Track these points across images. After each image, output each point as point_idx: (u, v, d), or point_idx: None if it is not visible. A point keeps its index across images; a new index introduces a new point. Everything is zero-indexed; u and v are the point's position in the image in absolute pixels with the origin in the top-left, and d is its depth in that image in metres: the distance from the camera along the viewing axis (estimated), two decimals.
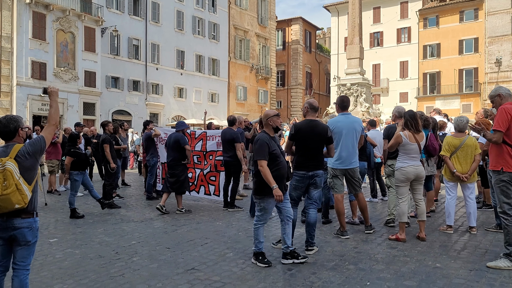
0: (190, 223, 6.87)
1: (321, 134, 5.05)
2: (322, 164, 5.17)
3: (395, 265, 4.60)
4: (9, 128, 3.24)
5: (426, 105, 40.69)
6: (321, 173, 5.15)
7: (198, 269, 4.57)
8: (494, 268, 4.42)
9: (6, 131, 3.24)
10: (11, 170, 3.00)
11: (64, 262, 4.92)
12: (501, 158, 4.43)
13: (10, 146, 3.19)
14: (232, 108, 40.52)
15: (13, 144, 3.21)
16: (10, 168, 3.01)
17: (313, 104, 5.25)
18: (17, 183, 3.03)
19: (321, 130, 5.06)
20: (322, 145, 5.11)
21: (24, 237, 3.21)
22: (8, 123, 3.24)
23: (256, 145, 4.67)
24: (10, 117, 3.31)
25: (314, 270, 4.49)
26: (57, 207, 8.54)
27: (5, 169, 2.99)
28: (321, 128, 5.08)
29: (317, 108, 5.30)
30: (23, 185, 3.07)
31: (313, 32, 53.97)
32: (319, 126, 5.09)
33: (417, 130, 5.47)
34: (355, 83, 23.83)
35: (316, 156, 5.10)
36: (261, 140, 4.65)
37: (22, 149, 3.16)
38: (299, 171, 5.09)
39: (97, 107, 30.00)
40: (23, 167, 3.11)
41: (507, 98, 4.55)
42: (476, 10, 39.66)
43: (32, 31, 26.36)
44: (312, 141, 5.06)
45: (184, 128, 8.17)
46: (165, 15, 34.82)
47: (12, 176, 3.00)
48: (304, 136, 5.06)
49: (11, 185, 3.00)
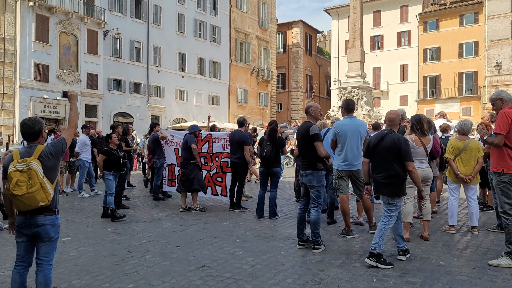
0: (198, 223, 7.03)
1: (304, 134, 5.35)
2: (309, 164, 5.30)
3: (400, 263, 4.76)
4: (34, 130, 3.40)
5: (426, 108, 40.91)
6: (309, 173, 5.31)
7: (209, 266, 4.72)
8: (496, 266, 4.58)
9: (31, 133, 3.40)
10: (35, 169, 3.16)
11: (79, 259, 5.07)
12: (502, 160, 4.60)
13: (34, 147, 3.35)
14: (232, 110, 40.72)
15: (36, 145, 3.37)
16: (35, 168, 3.17)
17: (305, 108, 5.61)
18: (42, 181, 3.19)
19: (304, 130, 5.35)
20: (306, 144, 5.33)
21: (47, 233, 3.37)
22: (34, 125, 3.40)
23: (404, 145, 4.69)
24: (34, 119, 3.47)
25: (322, 268, 4.65)
26: (66, 207, 8.69)
27: (30, 169, 3.15)
28: (304, 127, 5.38)
29: (305, 111, 5.59)
30: (46, 183, 3.23)
31: (314, 35, 54.22)
32: (303, 126, 5.41)
33: (422, 133, 5.63)
34: (356, 86, 24.02)
35: (302, 155, 5.41)
36: (404, 139, 4.82)
37: (45, 149, 3.32)
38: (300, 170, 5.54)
39: (99, 109, 30.17)
40: (46, 167, 3.27)
41: (508, 102, 4.72)
42: (476, 14, 39.92)
43: (35, 33, 26.56)
44: (299, 141, 5.46)
45: (196, 131, 8.46)
46: (167, 18, 35.04)
47: (36, 175, 3.16)
48: (297, 138, 5.54)
49: (36, 183, 3.16)
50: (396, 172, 4.70)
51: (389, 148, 4.73)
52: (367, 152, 5.02)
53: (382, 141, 4.82)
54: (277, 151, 7.52)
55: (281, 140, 7.68)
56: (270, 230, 6.53)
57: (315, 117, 5.49)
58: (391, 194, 4.74)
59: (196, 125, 8.79)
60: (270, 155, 7.47)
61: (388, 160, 4.74)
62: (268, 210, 7.51)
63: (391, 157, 4.72)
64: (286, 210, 8.17)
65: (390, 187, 4.73)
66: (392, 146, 4.70)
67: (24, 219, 3.33)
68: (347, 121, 5.95)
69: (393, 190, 4.72)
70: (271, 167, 7.53)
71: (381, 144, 4.82)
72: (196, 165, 8.22)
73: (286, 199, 9.66)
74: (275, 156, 7.52)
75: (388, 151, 4.74)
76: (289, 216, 7.58)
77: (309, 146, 5.31)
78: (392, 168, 4.71)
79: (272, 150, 7.46)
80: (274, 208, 7.45)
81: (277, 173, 7.62)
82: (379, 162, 4.84)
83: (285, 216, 7.58)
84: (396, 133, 4.88)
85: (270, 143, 7.48)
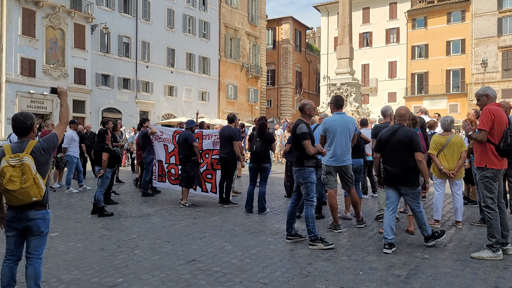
0: (187, 218, 7.07)
1: (293, 132, 5.46)
2: (297, 160, 5.41)
3: (386, 256, 4.86)
4: (26, 125, 3.40)
5: (414, 105, 41.25)
6: (296, 169, 5.43)
7: (198, 261, 4.77)
8: (478, 259, 4.71)
9: (23, 127, 3.39)
10: (29, 164, 3.18)
11: (67, 254, 5.08)
12: (485, 156, 4.72)
13: (25, 142, 3.34)
14: (222, 106, 40.67)
15: (28, 140, 3.37)
16: (28, 163, 3.18)
17: (299, 106, 5.66)
18: (35, 177, 3.20)
19: (293, 128, 5.46)
20: (295, 142, 5.43)
21: (38, 227, 3.39)
22: (26, 120, 3.40)
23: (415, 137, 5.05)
24: (26, 114, 3.47)
25: (309, 261, 4.73)
26: (54, 203, 8.64)
27: (23, 164, 3.16)
28: (294, 125, 5.49)
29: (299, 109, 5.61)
30: (39, 179, 3.24)
31: (303, 31, 54.31)
32: (294, 124, 5.50)
33: None
34: (345, 83, 24.17)
35: (295, 153, 5.50)
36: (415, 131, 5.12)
37: (37, 145, 3.32)
38: None
39: (87, 105, 29.91)
40: (38, 162, 3.28)
41: (493, 99, 4.83)
42: (463, 12, 40.38)
43: (22, 27, 26.19)
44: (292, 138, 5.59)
45: (192, 126, 8.52)
46: (156, 13, 34.80)
47: (30, 171, 3.17)
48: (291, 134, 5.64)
49: (29, 179, 3.17)
50: (413, 164, 5.05)
51: (403, 141, 5.07)
52: (378, 147, 5.33)
53: (394, 135, 5.15)
54: (266, 147, 7.59)
55: (271, 136, 7.74)
56: (259, 225, 6.60)
57: (310, 115, 5.53)
58: (410, 184, 5.10)
59: (193, 121, 8.83)
60: (259, 151, 7.52)
61: (403, 152, 5.08)
62: (257, 205, 7.57)
63: (405, 150, 5.07)
64: (275, 206, 8.24)
65: (407, 177, 5.08)
66: (405, 138, 5.04)
67: (15, 213, 3.34)
68: (336, 117, 6.03)
69: (410, 180, 5.09)
70: (260, 162, 7.59)
71: (393, 138, 5.14)
72: (196, 161, 8.31)
73: (275, 194, 9.74)
74: (265, 152, 7.58)
75: (401, 144, 5.08)
76: (278, 212, 7.65)
77: (296, 144, 5.39)
78: (408, 160, 5.06)
79: (261, 146, 7.52)
80: (264, 204, 7.52)
81: (267, 169, 7.69)
82: (393, 155, 5.15)
83: (274, 212, 7.66)
84: (406, 127, 5.24)
85: (259, 139, 7.54)
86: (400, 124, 5.26)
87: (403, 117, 5.30)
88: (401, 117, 5.32)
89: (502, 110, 4.87)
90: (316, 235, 5.26)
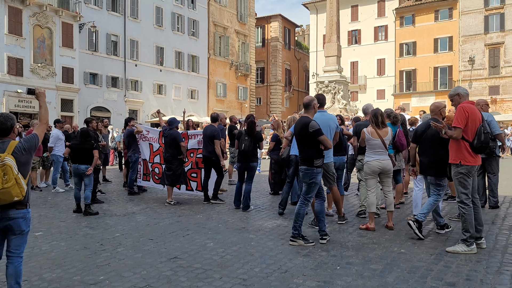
0: (172, 217, 7.13)
1: (301, 130, 5.36)
2: (305, 159, 5.34)
3: (364, 252, 4.98)
4: (6, 126, 3.44)
5: (402, 102, 41.61)
6: (304, 168, 5.34)
7: (180, 258, 4.84)
8: (452, 252, 4.85)
9: (3, 128, 3.43)
10: (10, 165, 3.22)
11: (51, 253, 5.12)
12: (460, 152, 4.85)
13: (6, 143, 3.39)
14: (211, 104, 40.65)
15: (9, 141, 3.41)
16: (10, 163, 3.22)
17: (303, 101, 5.63)
18: (16, 177, 3.24)
19: (301, 126, 5.36)
20: (303, 140, 5.36)
21: (19, 226, 3.43)
22: (6, 121, 3.44)
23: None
24: (6, 115, 3.52)
25: (290, 257, 4.83)
26: (39, 202, 8.66)
27: (4, 164, 3.20)
28: (301, 124, 5.38)
29: (305, 105, 5.57)
30: (21, 179, 3.29)
31: (292, 29, 54.45)
32: (301, 122, 5.41)
33: (377, 126, 5.88)
34: (332, 80, 24.34)
35: (300, 151, 5.48)
36: None
37: (18, 145, 3.37)
38: None
39: (75, 104, 29.72)
40: (19, 162, 3.32)
41: (465, 97, 4.97)
42: (450, 10, 40.78)
43: (8, 26, 25.92)
44: (297, 137, 5.49)
45: (177, 125, 8.61)
46: (144, 11, 34.66)
47: (12, 171, 3.21)
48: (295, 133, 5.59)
49: (11, 179, 3.21)
50: (441, 156, 5.33)
51: (434, 135, 5.37)
52: (415, 138, 5.73)
53: (428, 128, 5.48)
54: (255, 145, 7.64)
55: (259, 135, 7.79)
56: (242, 222, 6.68)
57: (315, 111, 5.59)
58: (436, 175, 5.45)
59: (175, 119, 8.86)
60: (248, 149, 7.57)
61: (434, 145, 5.44)
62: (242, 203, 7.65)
63: (436, 143, 5.41)
64: (260, 203, 8.34)
65: (435, 169, 5.44)
66: (436, 133, 5.26)
67: None
68: (317, 115, 6.08)
69: (438, 172, 5.44)
70: (248, 161, 7.65)
71: (427, 132, 5.51)
72: (181, 160, 8.38)
73: (261, 192, 9.83)
74: (253, 150, 7.63)
75: (433, 138, 5.42)
76: (262, 209, 7.75)
77: (307, 143, 5.33)
78: (437, 153, 5.40)
79: (250, 144, 7.57)
80: (248, 202, 7.60)
81: (254, 168, 7.74)
82: (426, 147, 5.55)
83: (258, 209, 7.75)
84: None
85: (248, 137, 7.59)
86: (434, 118, 5.58)
87: (433, 111, 5.68)
88: (433, 112, 5.69)
89: (476, 108, 5.01)
90: (299, 233, 5.37)
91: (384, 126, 6.04)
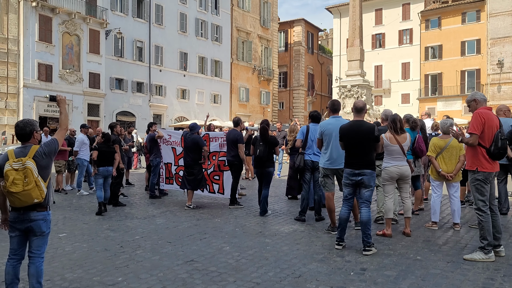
0: (191, 220, 7.26)
1: (365, 134, 5.25)
2: (370, 164, 5.28)
3: (379, 258, 4.96)
4: (25, 131, 3.63)
5: (428, 106, 40.96)
6: (369, 172, 5.25)
7: (196, 261, 4.95)
8: (470, 260, 4.78)
9: (22, 134, 3.63)
10: (31, 168, 3.40)
11: (73, 254, 5.31)
12: (476, 159, 4.79)
13: (28, 147, 3.58)
14: (234, 109, 40.95)
15: (30, 145, 3.60)
16: (30, 167, 3.40)
17: (356, 105, 5.55)
18: (36, 180, 3.42)
19: (366, 130, 5.27)
20: (368, 144, 5.29)
21: (39, 228, 3.60)
22: (25, 127, 3.64)
23: None
24: (26, 121, 3.72)
25: (304, 262, 4.86)
26: (65, 205, 8.94)
27: (25, 168, 3.39)
28: (365, 128, 5.30)
29: (359, 109, 5.50)
30: (41, 182, 3.46)
31: (315, 33, 54.33)
32: (363, 126, 5.32)
33: (396, 132, 5.84)
34: (355, 84, 24.17)
35: (362, 155, 5.26)
36: None
37: (39, 149, 3.55)
38: (346, 168, 5.38)
39: (101, 108, 30.49)
40: (40, 166, 3.51)
41: (482, 103, 4.91)
42: (478, 12, 39.90)
43: (39, 34, 26.89)
44: (356, 141, 5.28)
45: (199, 130, 8.81)
46: (169, 17, 35.30)
47: (32, 174, 3.39)
48: (348, 137, 5.33)
49: (31, 182, 3.39)
50: None
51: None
52: None
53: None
54: (270, 151, 7.70)
55: (274, 140, 7.86)
56: (259, 226, 6.75)
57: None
58: None
59: (196, 124, 9.07)
60: (263, 155, 7.64)
61: None
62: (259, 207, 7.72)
63: None
64: (277, 208, 8.38)
65: None
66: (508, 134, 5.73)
67: (18, 215, 3.56)
68: (332, 120, 6.14)
69: None
70: (264, 166, 7.71)
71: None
72: (201, 165, 8.56)
73: (279, 196, 9.87)
74: (268, 155, 7.69)
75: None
76: (279, 213, 7.79)
77: (371, 147, 5.31)
78: None
79: (265, 150, 7.64)
80: (265, 206, 7.65)
81: (270, 173, 7.78)
82: None
83: (276, 214, 7.79)
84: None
85: (262, 143, 7.66)
86: None
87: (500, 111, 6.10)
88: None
89: (499, 113, 4.95)
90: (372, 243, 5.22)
91: (403, 132, 6.00)
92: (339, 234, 5.40)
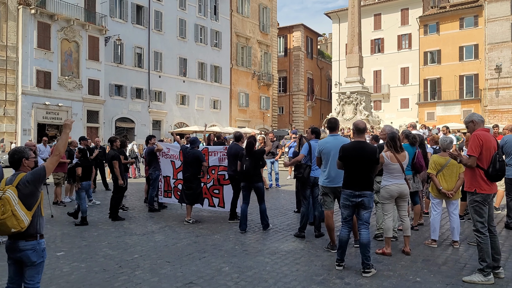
0: (190, 236, 7.24)
1: (368, 156, 5.24)
2: (370, 185, 5.28)
3: (378, 279, 4.95)
4: (13, 159, 3.63)
5: (427, 111, 41.10)
6: (369, 194, 5.24)
7: (195, 283, 4.93)
8: (469, 283, 4.77)
9: (11, 161, 3.65)
10: (8, 197, 3.35)
11: (71, 276, 5.29)
12: (475, 180, 4.79)
13: (16, 175, 3.57)
14: (234, 114, 40.98)
15: (18, 173, 3.58)
16: (8, 196, 3.36)
17: (358, 126, 5.46)
18: (13, 209, 3.35)
19: (369, 152, 5.26)
20: (369, 166, 5.27)
21: (28, 258, 3.53)
22: (13, 154, 3.64)
23: None
24: (15, 149, 3.72)
25: (303, 284, 4.85)
26: (63, 219, 8.92)
27: (1, 197, 3.35)
28: (368, 149, 5.28)
29: (361, 130, 5.44)
30: (19, 211, 3.39)
31: (315, 38, 54.44)
32: (366, 148, 5.30)
33: (396, 150, 5.84)
34: (354, 91, 24.25)
35: (363, 176, 5.23)
36: None
37: (23, 178, 3.51)
38: (346, 189, 5.33)
39: (100, 115, 30.49)
40: (22, 194, 3.45)
41: (479, 124, 4.92)
42: (476, 17, 40.02)
43: (37, 40, 26.92)
44: (358, 162, 5.23)
45: (199, 144, 8.83)
46: (168, 23, 35.37)
47: (9, 203, 3.34)
48: (350, 157, 5.26)
49: (7, 211, 3.33)
50: None
51: None
52: None
53: None
54: (256, 165, 7.63)
55: (259, 153, 7.75)
56: (259, 244, 6.72)
57: None
58: None
59: (197, 138, 9.09)
60: (249, 169, 7.54)
61: None
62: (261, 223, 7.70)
63: None
64: (277, 222, 8.36)
65: None
66: None
67: (10, 243, 3.53)
68: (330, 139, 6.14)
69: None
70: (252, 181, 7.57)
71: None
72: (200, 180, 8.55)
73: (279, 210, 9.84)
74: (254, 169, 7.56)
75: None
76: (279, 229, 7.77)
77: (371, 168, 5.31)
78: None
79: (250, 164, 7.54)
80: (267, 220, 7.63)
81: (259, 187, 7.63)
82: None
83: (276, 229, 7.77)
84: None
85: (248, 158, 7.61)
86: None
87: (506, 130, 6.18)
88: None
89: (491, 135, 4.96)
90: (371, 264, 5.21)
91: (402, 151, 6.00)
92: (339, 256, 5.38)
